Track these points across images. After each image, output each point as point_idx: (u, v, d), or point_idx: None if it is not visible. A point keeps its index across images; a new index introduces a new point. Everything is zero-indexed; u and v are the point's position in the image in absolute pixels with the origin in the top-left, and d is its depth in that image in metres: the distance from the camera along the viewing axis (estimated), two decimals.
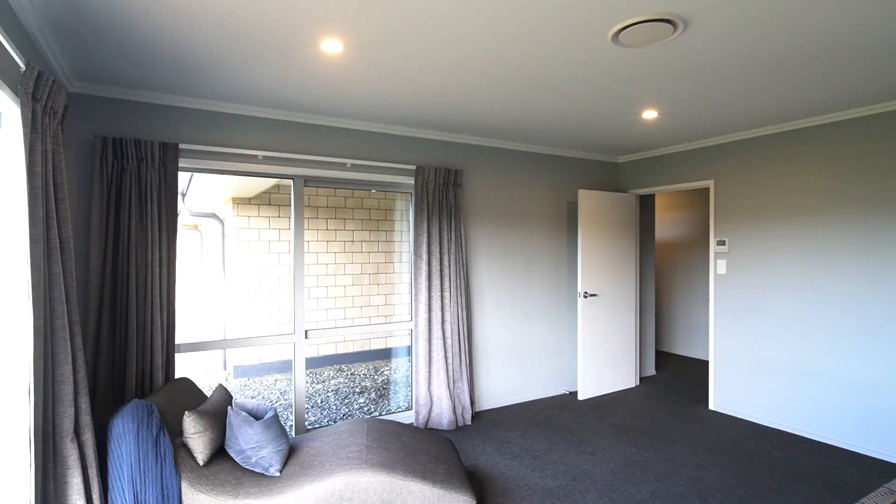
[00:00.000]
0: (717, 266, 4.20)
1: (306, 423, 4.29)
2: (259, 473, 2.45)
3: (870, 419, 3.31)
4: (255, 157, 3.36)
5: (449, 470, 2.61)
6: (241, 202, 6.49)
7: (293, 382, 3.54)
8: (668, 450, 3.39)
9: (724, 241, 4.14)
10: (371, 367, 6.92)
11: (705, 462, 3.20)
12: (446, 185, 3.96)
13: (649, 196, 5.33)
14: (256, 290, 6.41)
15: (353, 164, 3.72)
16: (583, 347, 4.50)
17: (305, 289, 6.39)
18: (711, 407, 4.24)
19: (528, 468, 3.12)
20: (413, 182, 3.92)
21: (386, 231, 7.38)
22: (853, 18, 2.05)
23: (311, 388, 5.83)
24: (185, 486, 2.22)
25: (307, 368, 6.45)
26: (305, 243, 6.54)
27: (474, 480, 2.97)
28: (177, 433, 2.47)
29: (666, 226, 6.55)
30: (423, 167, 3.86)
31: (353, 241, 7.24)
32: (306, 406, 4.99)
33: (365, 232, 7.35)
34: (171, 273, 2.96)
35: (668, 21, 2.08)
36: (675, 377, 5.25)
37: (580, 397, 4.50)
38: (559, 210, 4.75)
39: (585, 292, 4.51)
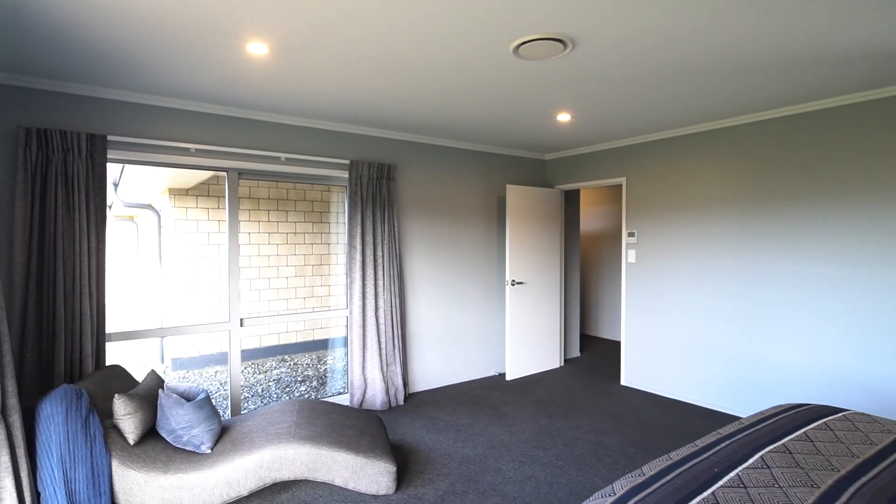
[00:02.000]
0: (628, 255, 4.64)
1: (243, 410, 4.41)
2: (190, 451, 2.59)
3: (744, 386, 3.82)
4: (188, 150, 3.43)
5: (373, 442, 2.85)
6: (179, 193, 6.41)
7: (229, 369, 3.66)
8: (579, 420, 3.78)
9: (634, 233, 4.59)
10: (314, 356, 7.03)
11: (608, 429, 3.60)
12: (380, 179, 4.16)
13: (575, 191, 5.74)
14: (195, 282, 6.38)
15: (287, 158, 3.85)
16: (511, 332, 4.84)
17: (243, 279, 6.40)
18: (622, 383, 4.70)
19: (450, 440, 3.41)
20: (347, 176, 4.10)
21: (329, 223, 7.48)
22: (719, 41, 2.42)
23: (252, 378, 5.90)
24: (115, 464, 2.34)
25: (249, 360, 6.50)
26: (247, 235, 6.56)
27: (400, 452, 3.22)
28: (107, 416, 2.57)
29: (591, 219, 7.04)
30: (357, 162, 4.04)
31: (295, 232, 7.29)
32: (246, 396, 5.09)
33: (308, 224, 7.42)
34: (100, 263, 3.02)
35: (559, 40, 2.38)
36: (597, 357, 5.73)
37: (508, 378, 4.86)
38: (490, 204, 5.06)
39: (513, 280, 4.85)
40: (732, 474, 1.64)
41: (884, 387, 3.15)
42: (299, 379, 6.02)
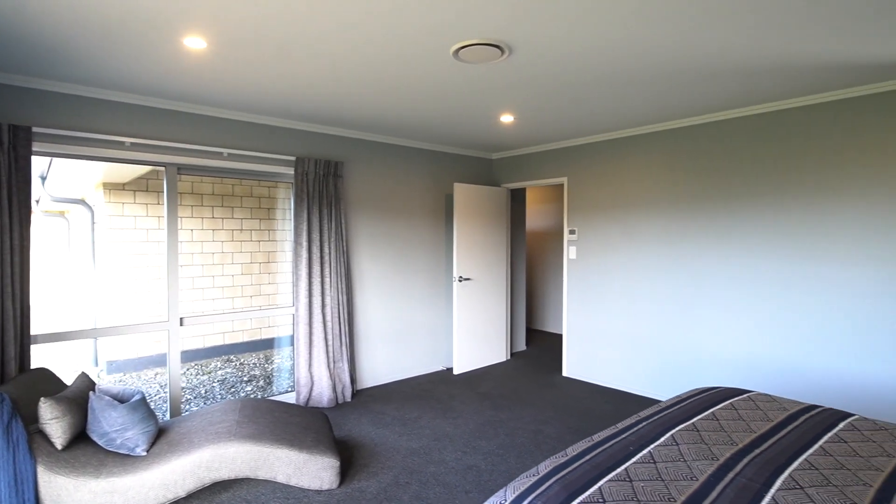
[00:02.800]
0: (570, 252, 4.85)
1: (184, 412, 4.29)
2: (124, 454, 2.53)
3: (675, 374, 4.10)
4: (122, 143, 3.31)
5: (317, 438, 2.86)
6: (114, 188, 6.11)
7: (168, 369, 3.56)
8: (521, 411, 3.93)
9: (575, 231, 4.80)
10: (262, 355, 6.90)
11: (548, 418, 3.78)
12: (327, 176, 4.15)
13: (521, 189, 5.92)
14: (133, 281, 6.11)
15: (230, 154, 3.78)
16: (458, 327, 4.95)
17: (185, 277, 6.19)
18: (564, 374, 4.92)
19: (396, 434, 3.47)
20: (293, 173, 4.06)
21: (278, 220, 7.34)
22: (649, 52, 2.59)
23: (195, 380, 5.73)
24: (41, 470, 2.25)
25: (192, 361, 6.29)
26: (189, 232, 6.34)
27: (345, 447, 3.25)
28: (33, 421, 2.46)
29: (537, 217, 7.27)
30: (304, 158, 4.02)
31: (241, 229, 7.10)
32: (189, 397, 4.95)
33: (255, 220, 7.24)
34: (24, 261, 2.87)
35: (496, 46, 2.48)
36: (542, 350, 5.94)
37: (455, 372, 4.97)
38: (438, 201, 5.15)
39: (460, 277, 4.96)
40: (644, 451, 1.79)
41: (792, 370, 3.47)
42: (245, 379, 5.89)
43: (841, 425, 2.08)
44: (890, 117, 3.04)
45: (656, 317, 4.21)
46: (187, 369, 6.06)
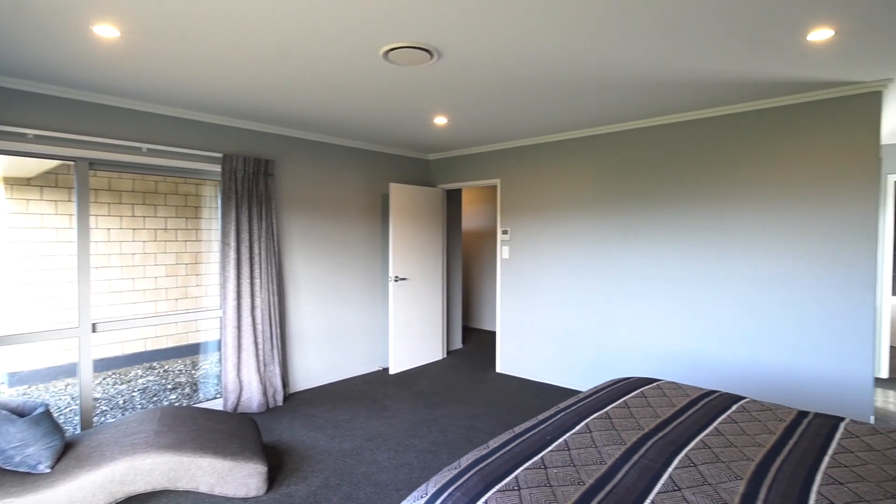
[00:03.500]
0: (503, 252, 5.00)
1: (96, 424, 4.01)
2: (25, 472, 2.34)
3: (601, 367, 4.34)
4: (25, 135, 3.05)
5: (244, 444, 2.78)
6: (17, 183, 5.58)
7: (79, 379, 3.32)
8: (455, 408, 4.01)
9: (507, 231, 4.95)
10: (189, 361, 6.55)
11: (480, 413, 3.88)
12: (257, 175, 4.03)
13: (457, 190, 6.02)
14: (39, 285, 5.61)
15: (149, 150, 3.58)
16: (394, 326, 4.96)
17: (100, 280, 5.79)
18: (498, 370, 5.06)
19: (328, 436, 3.44)
20: (220, 170, 3.91)
21: (207, 218, 7.00)
22: (576, 63, 2.73)
23: (112, 389, 5.36)
24: None
25: (109, 369, 5.87)
26: (106, 231, 5.91)
27: (274, 453, 3.18)
28: None
29: (473, 217, 7.42)
30: (232, 156, 3.87)
31: (166, 228, 6.71)
32: (104, 408, 4.62)
33: (181, 219, 6.87)
34: None
35: (425, 49, 2.52)
36: (478, 348, 6.07)
37: (391, 372, 4.97)
38: (374, 201, 5.13)
39: (396, 276, 4.98)
40: (560, 440, 1.90)
41: (699, 358, 3.78)
42: (170, 387, 5.58)
43: (734, 407, 2.30)
44: (774, 131, 3.38)
45: (583, 313, 4.44)
46: (103, 379, 5.66)
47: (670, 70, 2.80)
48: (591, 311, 4.39)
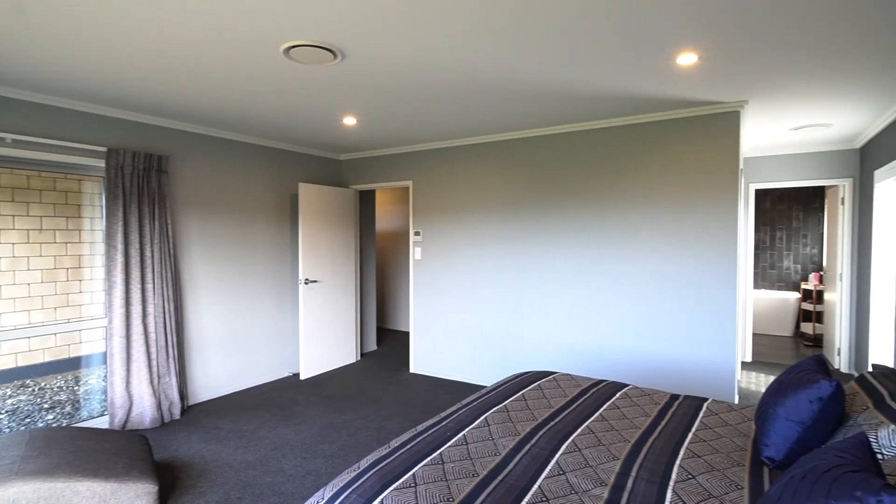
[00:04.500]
0: (415, 253, 5.06)
1: None
2: None
3: (511, 363, 4.54)
4: None
5: (130, 463, 2.57)
6: None
7: None
8: (366, 410, 3.99)
9: (420, 232, 5.02)
10: (71, 376, 5.90)
11: (392, 414, 3.89)
12: (148, 171, 3.73)
13: (371, 191, 5.98)
14: None
15: (15, 140, 3.20)
16: (305, 330, 4.83)
17: None
18: (412, 370, 5.11)
19: (231, 448, 3.27)
20: (105, 166, 3.58)
21: (90, 218, 6.34)
22: (478, 70, 2.82)
23: None
24: None
25: None
26: None
27: (168, 469, 2.97)
28: None
29: (388, 218, 7.42)
30: (118, 150, 3.56)
31: (41, 229, 5.99)
32: None
33: (60, 219, 6.16)
34: None
35: (328, 49, 2.50)
36: (392, 349, 6.08)
37: (302, 377, 4.84)
38: (283, 202, 4.96)
39: (307, 279, 4.85)
40: (459, 435, 1.98)
41: (597, 351, 4.09)
42: (46, 406, 4.99)
43: (618, 394, 2.52)
44: (654, 142, 3.76)
45: (492, 311, 4.61)
46: None
47: (564, 83, 3.01)
48: (499, 309, 4.57)
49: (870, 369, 3.64)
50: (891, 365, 3.92)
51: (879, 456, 1.48)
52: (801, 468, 1.24)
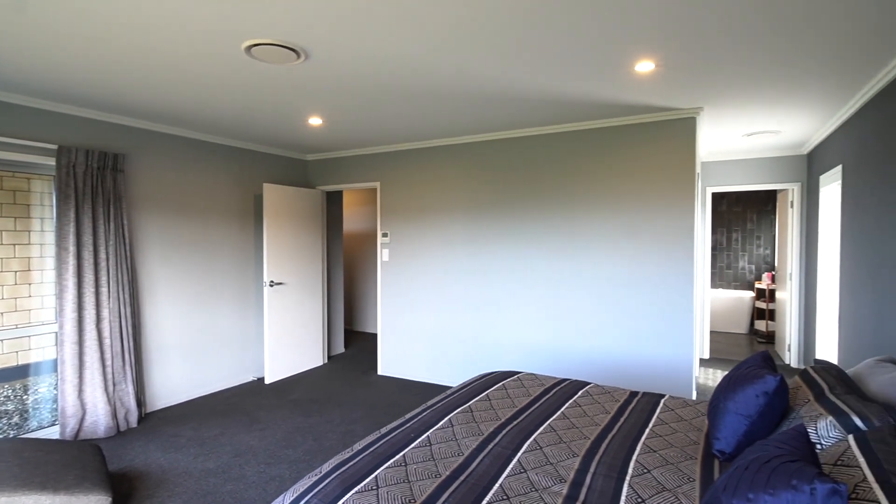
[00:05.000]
0: (383, 254, 5.04)
1: None
2: None
3: (478, 363, 4.57)
4: None
5: (82, 475, 2.47)
6: None
7: None
8: (333, 413, 3.95)
9: (387, 234, 5.00)
10: (19, 385, 5.61)
11: (358, 417, 3.87)
12: (103, 170, 3.60)
13: (338, 192, 5.92)
14: None
15: None
16: (269, 334, 4.74)
17: None
18: (380, 372, 5.09)
19: (191, 456, 3.18)
20: (55, 164, 3.42)
21: (40, 219, 6.04)
22: (444, 73, 2.83)
23: None
24: None
25: None
26: None
27: (124, 480, 2.87)
28: None
29: (356, 219, 7.37)
30: (70, 148, 3.41)
31: None
32: None
33: (7, 219, 5.86)
34: None
35: (291, 49, 2.46)
36: (360, 352, 6.04)
37: (267, 381, 4.74)
38: (247, 202, 4.85)
39: (272, 281, 4.76)
40: (423, 436, 1.99)
41: (562, 350, 4.16)
42: None
43: (580, 393, 2.58)
44: (615, 146, 3.86)
45: (461, 312, 4.64)
46: None
47: (525, 88, 3.06)
48: (467, 310, 4.60)
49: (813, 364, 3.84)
50: (835, 359, 4.14)
51: (819, 446, 1.57)
52: (744, 459, 1.31)
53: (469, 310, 4.59)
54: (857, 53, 2.51)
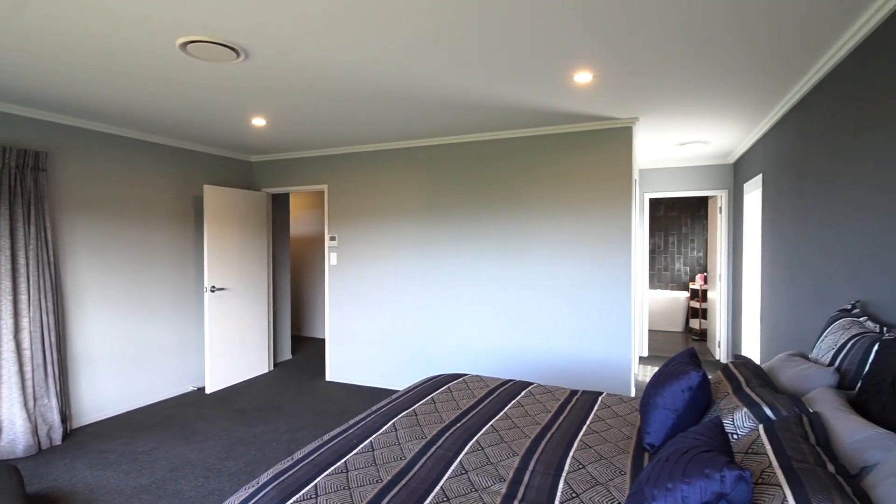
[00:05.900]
0: (331, 258, 4.96)
1: None
2: None
3: (429, 367, 4.58)
4: None
5: None
6: None
7: None
8: (278, 422, 3.84)
9: (335, 237, 4.93)
10: None
11: (306, 425, 3.79)
12: (22, 169, 3.34)
13: (285, 195, 5.78)
14: None
15: None
16: (211, 341, 4.56)
17: None
18: (328, 378, 5.00)
19: (122, 473, 3.01)
20: None
21: None
22: (386, 79, 2.83)
23: None
24: None
25: None
26: None
27: (44, 502, 2.67)
28: None
29: (303, 222, 7.22)
30: None
31: None
32: None
33: None
34: None
35: (230, 47, 2.39)
36: (308, 357, 5.91)
37: (208, 391, 4.56)
38: (187, 205, 4.65)
39: (213, 286, 4.58)
40: (366, 442, 1.98)
41: (510, 352, 4.25)
42: None
43: (522, 393, 2.65)
44: (559, 153, 4.00)
45: (410, 316, 4.64)
46: None
47: (467, 95, 3.12)
48: (416, 313, 4.61)
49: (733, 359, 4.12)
50: (758, 354, 4.45)
51: (735, 436, 1.69)
52: (666, 451, 1.39)
53: (418, 313, 4.60)
54: (778, 67, 2.72)
